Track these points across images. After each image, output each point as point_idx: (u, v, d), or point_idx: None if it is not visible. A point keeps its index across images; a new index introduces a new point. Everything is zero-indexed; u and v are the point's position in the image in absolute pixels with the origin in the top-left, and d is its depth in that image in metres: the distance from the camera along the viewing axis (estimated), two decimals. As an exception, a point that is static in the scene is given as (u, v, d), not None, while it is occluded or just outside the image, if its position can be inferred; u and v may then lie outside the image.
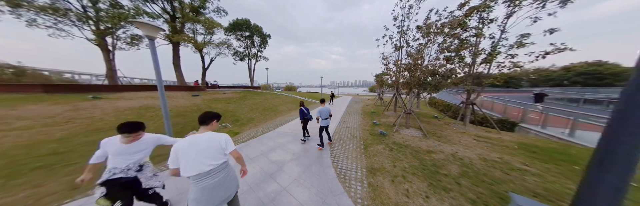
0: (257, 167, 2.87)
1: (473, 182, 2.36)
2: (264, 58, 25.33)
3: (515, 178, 2.48)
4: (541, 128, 5.83)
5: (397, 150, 3.56)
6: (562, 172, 2.70)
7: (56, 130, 4.03)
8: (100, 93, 8.56)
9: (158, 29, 3.51)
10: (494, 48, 4.71)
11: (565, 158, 3.23)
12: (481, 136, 4.70)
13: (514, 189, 2.20)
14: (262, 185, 2.37)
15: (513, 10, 4.45)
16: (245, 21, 20.83)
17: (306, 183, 2.39)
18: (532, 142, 4.22)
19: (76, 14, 9.79)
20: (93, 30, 10.38)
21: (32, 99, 6.25)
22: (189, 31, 13.92)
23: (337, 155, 3.37)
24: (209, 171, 1.17)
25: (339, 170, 2.78)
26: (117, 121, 4.96)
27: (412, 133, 4.89)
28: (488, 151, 3.56)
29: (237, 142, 4.21)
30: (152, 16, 11.23)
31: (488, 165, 2.90)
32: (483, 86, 5.07)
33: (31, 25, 9.52)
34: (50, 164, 2.83)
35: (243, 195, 2.14)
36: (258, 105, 9.97)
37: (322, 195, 2.15)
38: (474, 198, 2.04)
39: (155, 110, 6.32)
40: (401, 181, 2.42)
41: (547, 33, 4.00)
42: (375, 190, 2.25)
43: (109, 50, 11.43)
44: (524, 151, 3.59)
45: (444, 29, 4.76)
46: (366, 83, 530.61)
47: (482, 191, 2.16)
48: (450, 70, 4.91)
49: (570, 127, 5.05)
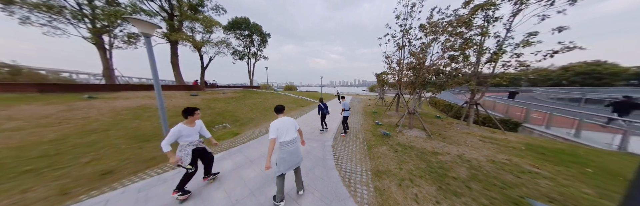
0: (258, 170, 2.76)
1: (484, 186, 2.26)
2: (263, 58, 25.11)
3: (527, 181, 2.39)
4: (545, 129, 5.76)
5: (402, 152, 3.46)
6: (575, 175, 2.61)
7: (48, 131, 3.89)
8: (97, 93, 8.38)
9: (154, 26, 3.37)
10: (499, 47, 4.61)
11: (574, 160, 3.14)
12: (486, 136, 4.61)
13: (527, 194, 2.11)
14: (264, 189, 2.26)
15: (519, 8, 4.34)
16: (245, 20, 20.60)
17: (310, 187, 2.28)
18: (538, 143, 4.14)
19: (71, 11, 9.55)
20: (89, 29, 10.15)
21: (26, 99, 6.08)
22: (187, 29, 13.70)
23: (340, 156, 3.26)
24: (291, 139, 1.90)
25: (343, 172, 2.67)
26: (113, 122, 4.82)
27: (416, 133, 4.80)
28: (495, 152, 3.47)
29: (236, 144, 4.09)
30: (150, 14, 11.02)
31: (497, 167, 2.80)
32: (487, 86, 4.98)
33: (25, 23, 9.28)
34: (40, 167, 2.70)
35: (243, 201, 2.03)
36: (258, 105, 9.83)
37: (327, 200, 2.05)
38: (487, 203, 1.95)
39: (153, 110, 6.18)
40: (409, 185, 2.32)
41: (555, 31, 3.89)
42: (382, 194, 2.15)
43: (105, 49, 11.20)
44: (532, 152, 3.50)
45: (448, 27, 4.65)
46: (366, 82, 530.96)
47: (494, 196, 2.06)
48: (456, 69, 4.80)
49: (576, 128, 4.98)
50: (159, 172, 2.75)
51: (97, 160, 3.01)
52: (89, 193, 2.21)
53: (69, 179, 2.49)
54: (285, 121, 1.92)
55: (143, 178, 2.59)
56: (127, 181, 2.51)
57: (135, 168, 2.88)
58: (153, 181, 2.48)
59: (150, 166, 2.98)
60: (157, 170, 2.82)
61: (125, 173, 2.72)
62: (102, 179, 2.55)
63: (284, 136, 1.85)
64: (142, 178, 2.59)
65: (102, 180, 2.52)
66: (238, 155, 3.42)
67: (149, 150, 3.56)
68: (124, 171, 2.76)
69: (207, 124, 5.64)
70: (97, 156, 3.13)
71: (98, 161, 2.98)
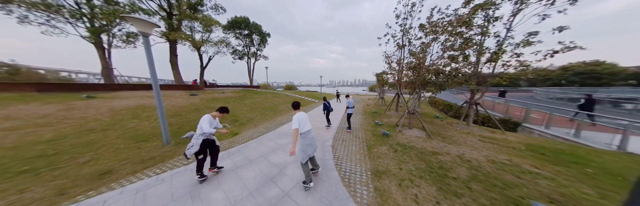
0: (257, 170, 2.74)
1: (484, 186, 2.25)
2: (263, 57, 25.05)
3: (527, 182, 2.38)
4: (545, 129, 5.75)
5: (402, 152, 3.45)
6: (575, 175, 2.60)
7: (46, 130, 3.86)
8: (96, 92, 8.34)
9: (152, 25, 3.35)
10: (499, 47, 4.60)
11: (575, 160, 3.14)
12: (486, 136, 4.61)
13: (528, 194, 2.10)
14: (262, 189, 2.24)
15: (519, 8, 4.33)
16: (244, 19, 20.53)
17: (309, 188, 2.26)
18: (538, 143, 4.13)
19: (69, 10, 9.49)
20: (87, 28, 10.09)
21: (24, 98, 6.04)
22: (186, 29, 13.63)
23: (340, 156, 3.25)
24: (309, 130, 2.28)
25: (343, 173, 2.66)
26: (111, 121, 4.79)
27: (416, 133, 4.79)
28: (495, 152, 3.46)
29: (235, 144, 4.07)
30: (148, 13, 10.95)
31: (497, 167, 2.79)
32: (487, 85, 4.97)
33: (23, 22, 9.22)
34: (38, 167, 2.67)
35: (242, 202, 2.01)
36: (258, 105, 9.81)
37: (326, 200, 2.03)
38: (487, 204, 1.93)
39: (152, 109, 6.14)
40: (408, 185, 2.31)
41: (556, 31, 3.88)
42: (382, 194, 2.13)
43: (104, 48, 11.15)
44: (532, 152, 3.49)
45: (448, 27, 4.63)
46: (366, 82, 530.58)
47: (495, 197, 2.05)
48: (456, 69, 4.79)
49: (576, 128, 4.97)
50: (157, 172, 2.73)
51: (95, 160, 2.99)
52: (87, 193, 2.19)
53: (67, 179, 2.47)
54: (304, 115, 2.27)
55: (141, 178, 2.56)
56: (125, 181, 2.48)
57: (133, 168, 2.86)
58: (151, 181, 2.46)
59: (148, 166, 2.96)
60: (156, 170, 2.80)
61: (124, 174, 2.70)
62: (100, 179, 2.53)
63: (304, 127, 2.20)
64: (141, 178, 2.57)
65: (100, 180, 2.50)
66: (237, 155, 3.40)
67: (148, 150, 3.54)
68: (122, 172, 2.74)
69: (207, 124, 5.65)
70: (95, 156, 3.11)
71: (96, 162, 2.96)
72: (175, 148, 3.73)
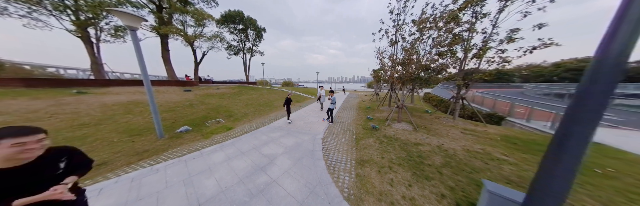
0: (249, 161, 2.90)
1: (454, 171, 2.49)
2: (259, 53, 24.65)
3: (493, 167, 2.63)
4: (526, 122, 6.09)
5: (387, 143, 3.66)
6: (539, 161, 2.86)
7: (38, 125, 3.86)
8: (86, 88, 8.22)
9: (139, 19, 3.33)
10: (485, 43, 4.75)
11: (543, 149, 3.39)
12: (468, 129, 4.87)
13: (490, 177, 2.34)
14: (252, 177, 2.41)
15: (505, 5, 4.44)
16: (238, 13, 19.93)
17: (296, 175, 2.45)
18: (514, 134, 4.42)
19: (52, 2, 9.07)
20: (72, 21, 9.71)
21: (11, 93, 5.94)
22: (177, 23, 13.24)
23: (329, 148, 3.44)
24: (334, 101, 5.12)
25: (329, 162, 2.85)
26: (104, 116, 4.83)
27: (403, 127, 5.01)
28: (472, 143, 3.72)
29: (229, 137, 4.21)
30: (137, 6, 10.57)
31: (470, 155, 3.04)
32: (472, 81, 5.17)
33: (2, 15, 8.81)
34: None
35: (232, 188, 2.18)
36: (253, 101, 9.86)
37: (310, 185, 2.22)
38: (453, 185, 2.16)
39: (144, 105, 6.16)
40: (387, 172, 2.52)
41: (536, 28, 4.04)
42: (362, 180, 2.34)
43: (92, 43, 10.81)
44: (506, 142, 3.77)
45: (438, 23, 4.72)
46: (365, 79, 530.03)
47: (460, 179, 2.28)
48: (442, 65, 4.95)
49: (552, 121, 5.30)
50: (151, 163, 2.86)
51: (89, 153, 2.99)
52: (82, 182, 2.32)
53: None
54: None
55: (136, 168, 2.70)
56: (120, 171, 2.61)
57: (128, 160, 2.98)
58: (146, 171, 2.60)
59: (142, 158, 3.08)
60: (150, 162, 2.92)
61: (118, 165, 2.81)
62: (95, 170, 2.64)
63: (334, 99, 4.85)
64: (135, 168, 2.70)
65: (96, 171, 2.61)
66: (230, 147, 3.54)
67: (142, 143, 3.64)
68: (116, 163, 2.86)
69: (200, 119, 5.74)
70: (90, 149, 3.21)
71: (90, 154, 2.99)
72: (169, 141, 3.84)
